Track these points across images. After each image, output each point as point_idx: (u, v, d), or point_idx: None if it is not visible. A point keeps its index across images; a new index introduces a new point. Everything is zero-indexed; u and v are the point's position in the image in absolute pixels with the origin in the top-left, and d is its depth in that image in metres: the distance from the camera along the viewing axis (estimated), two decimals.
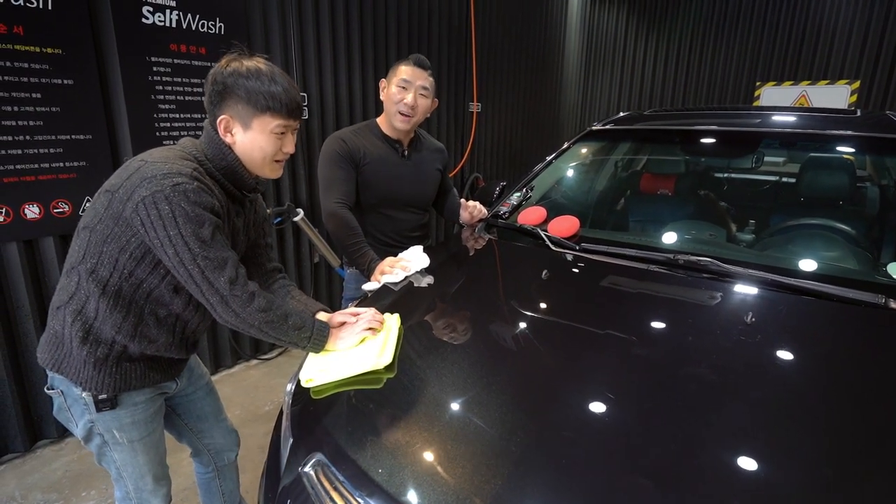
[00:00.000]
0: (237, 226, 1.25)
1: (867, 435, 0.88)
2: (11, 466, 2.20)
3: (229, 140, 1.15)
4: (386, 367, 1.17)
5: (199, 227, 1.04)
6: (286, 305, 1.19)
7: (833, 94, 5.31)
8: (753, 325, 1.20)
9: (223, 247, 1.09)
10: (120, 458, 1.25)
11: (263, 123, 1.13)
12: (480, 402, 1.03)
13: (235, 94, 1.11)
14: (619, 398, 1.00)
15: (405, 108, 1.78)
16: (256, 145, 1.15)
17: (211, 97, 1.14)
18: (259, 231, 1.40)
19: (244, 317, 1.11)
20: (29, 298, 2.15)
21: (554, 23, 5.86)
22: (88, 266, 1.10)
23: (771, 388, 1.00)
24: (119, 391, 1.18)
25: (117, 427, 1.21)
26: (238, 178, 1.18)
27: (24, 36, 1.99)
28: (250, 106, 1.11)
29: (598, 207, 2.29)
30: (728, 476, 0.82)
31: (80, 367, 1.14)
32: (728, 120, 2.20)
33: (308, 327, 1.20)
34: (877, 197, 1.93)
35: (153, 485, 1.32)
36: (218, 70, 1.12)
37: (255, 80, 1.10)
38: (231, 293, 1.08)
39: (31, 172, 2.08)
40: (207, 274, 1.06)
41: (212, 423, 1.52)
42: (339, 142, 1.81)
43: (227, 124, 1.14)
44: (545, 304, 1.44)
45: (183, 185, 1.03)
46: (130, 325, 1.14)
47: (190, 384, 1.44)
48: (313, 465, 1.02)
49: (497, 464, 0.88)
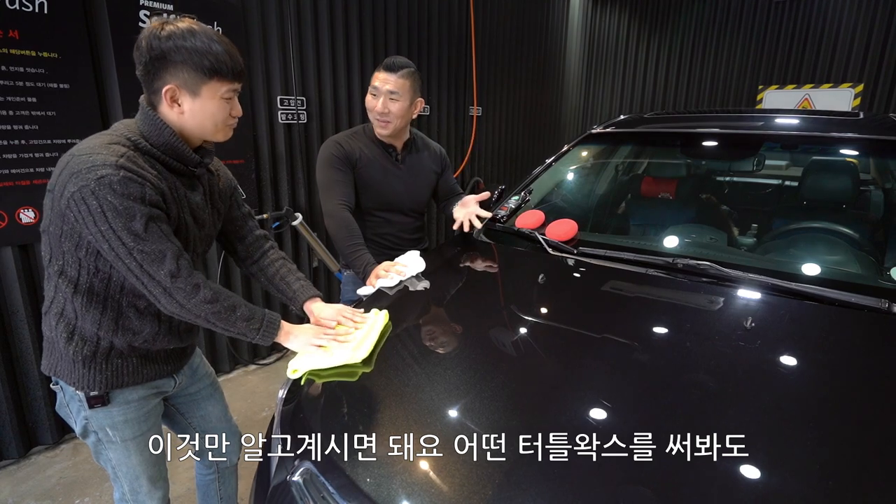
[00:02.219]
0: (195, 201, 1.18)
1: (869, 440, 0.86)
2: (6, 473, 2.19)
3: (177, 111, 1.08)
4: (363, 361, 1.17)
5: (129, 220, 1.00)
6: (234, 297, 1.16)
7: (836, 97, 5.27)
8: (753, 329, 1.17)
9: (160, 238, 1.04)
10: (115, 457, 1.25)
11: (212, 90, 1.07)
12: (472, 410, 1.01)
13: (179, 62, 1.03)
14: (614, 404, 0.97)
15: (377, 115, 1.77)
16: (208, 113, 1.10)
17: (147, 67, 1.04)
18: (229, 201, 1.35)
19: (189, 308, 1.08)
20: (24, 303, 2.14)
21: (555, 26, 5.86)
22: (56, 268, 1.09)
23: (771, 392, 0.98)
24: (111, 387, 1.17)
25: (110, 425, 1.21)
26: (179, 153, 1.11)
27: (20, 40, 1.98)
28: (197, 72, 1.04)
29: (598, 211, 2.27)
30: (727, 483, 0.79)
31: (71, 366, 1.14)
32: (729, 123, 2.18)
33: (257, 318, 1.17)
34: (880, 200, 1.90)
35: (148, 486, 1.30)
36: (151, 35, 1.02)
37: (194, 44, 1.03)
38: (174, 285, 1.05)
39: (27, 177, 2.07)
40: (146, 267, 1.03)
41: (216, 425, 1.50)
42: (336, 145, 1.82)
43: (174, 94, 1.06)
44: (540, 309, 1.41)
45: (108, 177, 0.98)
46: (110, 319, 1.13)
47: (192, 383, 1.42)
48: (301, 474, 1.00)
49: (489, 473, 0.85)
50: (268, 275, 1.40)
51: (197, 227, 1.20)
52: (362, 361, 1.18)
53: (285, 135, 3.08)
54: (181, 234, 1.14)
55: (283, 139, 3.07)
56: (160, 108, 1.09)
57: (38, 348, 2.21)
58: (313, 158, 3.27)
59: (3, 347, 2.13)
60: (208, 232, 1.27)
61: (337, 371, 1.18)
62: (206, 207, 1.23)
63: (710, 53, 6.06)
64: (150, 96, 1.09)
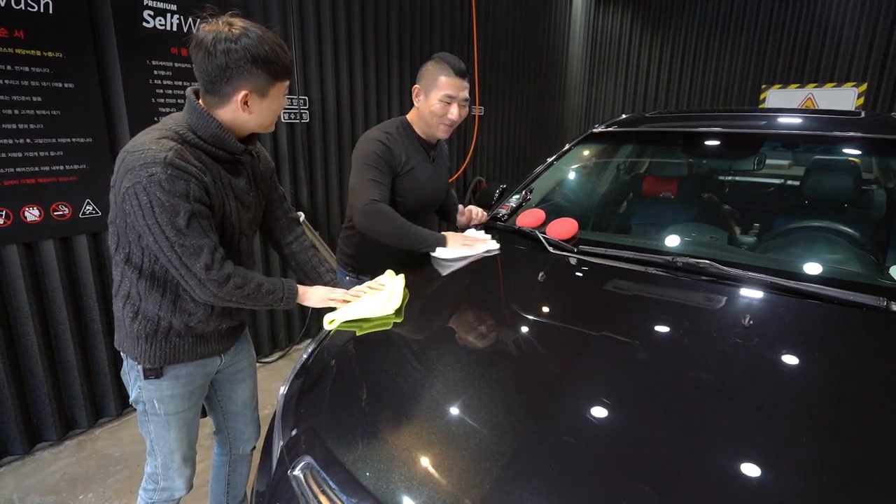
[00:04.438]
0: (239, 186, 1.27)
1: (867, 437, 0.86)
2: (10, 469, 2.20)
3: (246, 112, 1.17)
4: (395, 312, 1.34)
5: (174, 216, 1.09)
6: (257, 276, 1.25)
7: (840, 96, 5.26)
8: (752, 327, 1.18)
9: (199, 234, 1.13)
10: (155, 430, 1.36)
11: (278, 90, 1.19)
12: (471, 406, 1.02)
13: (255, 69, 1.12)
14: (613, 401, 0.98)
15: (450, 122, 1.74)
16: (272, 111, 1.22)
17: (220, 71, 1.10)
18: (270, 183, 1.46)
19: (221, 295, 1.18)
20: (28, 301, 2.16)
21: (557, 26, 5.85)
22: (122, 256, 1.20)
23: (770, 389, 0.98)
24: (166, 363, 1.29)
25: (158, 398, 1.32)
26: (224, 143, 1.19)
27: (25, 40, 2.00)
28: (271, 77, 1.15)
29: (599, 210, 2.27)
30: (725, 480, 0.80)
31: (134, 342, 1.27)
32: (731, 122, 2.18)
33: (279, 289, 1.29)
34: (882, 199, 1.90)
35: (180, 463, 1.41)
36: (227, 41, 1.08)
37: (270, 51, 1.12)
38: (207, 277, 1.15)
39: (32, 175, 2.09)
40: (185, 260, 1.12)
41: (239, 409, 1.59)
42: (380, 145, 1.72)
43: (248, 98, 1.15)
44: (539, 307, 1.42)
45: (157, 175, 1.07)
46: (169, 301, 1.24)
47: (233, 363, 1.51)
48: (302, 469, 1.01)
49: (487, 467, 0.86)
50: (299, 259, 1.53)
51: (244, 210, 1.30)
52: (394, 312, 1.33)
53: (288, 134, 3.10)
54: (228, 219, 1.25)
55: (285, 138, 3.08)
56: (221, 109, 1.16)
57: (41, 346, 2.22)
58: (316, 158, 3.29)
59: (8, 344, 2.15)
60: (255, 214, 1.38)
61: (371, 323, 1.32)
62: (250, 191, 1.33)
63: (713, 53, 6.05)
64: (212, 96, 1.15)
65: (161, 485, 1.42)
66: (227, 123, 1.18)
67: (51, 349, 2.29)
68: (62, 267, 2.24)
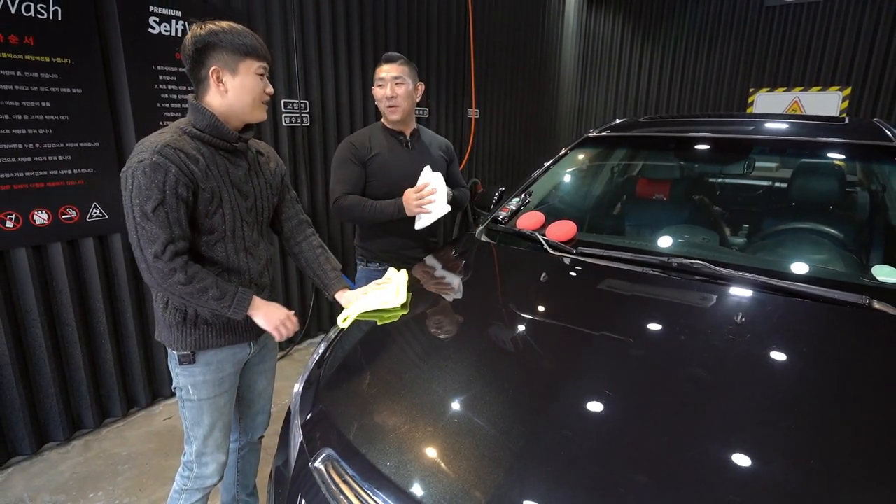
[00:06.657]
0: (237, 175, 1.37)
1: (851, 430, 0.93)
2: (19, 469, 2.23)
3: (221, 90, 1.28)
4: (402, 305, 1.48)
5: (145, 201, 1.18)
6: (209, 280, 1.28)
7: (825, 100, 5.39)
8: (743, 325, 1.25)
9: (163, 224, 1.20)
10: (189, 415, 1.44)
11: (248, 66, 1.29)
12: (482, 400, 1.08)
13: (219, 46, 1.24)
14: (615, 396, 1.05)
15: (387, 101, 1.98)
16: (247, 87, 1.30)
17: (193, 58, 1.25)
18: (280, 184, 1.55)
19: (164, 286, 1.25)
20: (37, 303, 2.19)
21: (551, 30, 5.94)
22: None
23: (760, 383, 1.05)
24: (197, 348, 1.38)
25: (192, 384, 1.41)
26: (220, 131, 1.30)
27: (35, 46, 2.04)
28: (235, 53, 1.26)
29: (595, 212, 2.34)
30: (720, 472, 0.86)
31: (168, 331, 1.37)
32: (721, 127, 2.26)
33: (229, 297, 1.31)
34: (865, 202, 1.98)
35: (214, 449, 1.49)
36: (195, 34, 1.24)
37: (230, 33, 1.26)
38: (153, 265, 1.22)
39: (40, 179, 2.13)
40: (141, 243, 1.22)
41: (255, 397, 1.66)
42: (348, 143, 2.02)
43: (219, 74, 1.26)
44: (543, 307, 1.48)
45: (144, 161, 1.18)
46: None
47: (261, 360, 1.61)
48: (323, 461, 1.07)
49: (498, 457, 0.92)
50: (307, 258, 1.62)
51: (241, 197, 1.38)
52: (402, 305, 1.48)
53: (289, 137, 3.14)
54: (226, 204, 1.33)
55: (286, 141, 3.13)
56: (207, 95, 1.29)
57: (50, 347, 2.26)
58: (316, 160, 3.34)
59: (17, 346, 2.18)
60: (257, 204, 1.44)
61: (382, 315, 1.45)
62: (248, 180, 1.41)
63: (703, 56, 6.16)
64: (198, 87, 1.30)
65: (195, 472, 1.49)
66: (220, 112, 1.30)
67: (58, 350, 2.32)
68: (70, 269, 2.28)
